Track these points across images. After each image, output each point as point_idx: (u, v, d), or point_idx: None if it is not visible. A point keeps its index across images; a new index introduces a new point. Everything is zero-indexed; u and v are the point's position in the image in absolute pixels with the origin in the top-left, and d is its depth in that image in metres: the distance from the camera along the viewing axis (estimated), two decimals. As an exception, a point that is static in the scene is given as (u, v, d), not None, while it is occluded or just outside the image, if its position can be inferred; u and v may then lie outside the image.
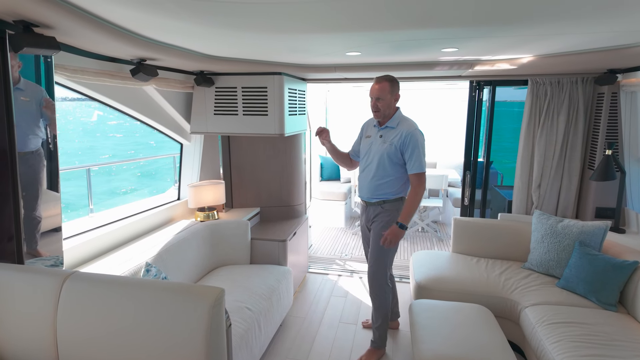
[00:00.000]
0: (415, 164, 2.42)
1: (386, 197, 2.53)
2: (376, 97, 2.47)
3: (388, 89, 2.45)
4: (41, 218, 1.85)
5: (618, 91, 2.98)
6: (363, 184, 2.62)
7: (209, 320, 1.36)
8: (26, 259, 1.76)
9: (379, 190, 2.53)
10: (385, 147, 2.47)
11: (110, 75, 2.21)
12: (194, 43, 2.15)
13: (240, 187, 3.73)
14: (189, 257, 2.78)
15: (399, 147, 2.44)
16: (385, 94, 2.45)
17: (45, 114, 1.84)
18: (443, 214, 5.75)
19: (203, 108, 3.23)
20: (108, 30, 1.68)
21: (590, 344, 2.04)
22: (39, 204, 1.84)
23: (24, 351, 1.54)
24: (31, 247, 1.80)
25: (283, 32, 1.83)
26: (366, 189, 2.59)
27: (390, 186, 2.51)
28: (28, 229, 1.78)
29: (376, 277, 2.59)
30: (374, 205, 2.57)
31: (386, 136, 2.50)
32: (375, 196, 2.56)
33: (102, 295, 1.47)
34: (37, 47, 1.55)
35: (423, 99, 6.72)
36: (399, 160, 2.46)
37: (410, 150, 2.41)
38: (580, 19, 1.53)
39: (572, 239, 2.73)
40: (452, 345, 2.07)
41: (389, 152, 2.46)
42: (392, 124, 2.51)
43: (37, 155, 1.82)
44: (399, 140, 2.43)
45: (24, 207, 1.75)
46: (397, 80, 2.50)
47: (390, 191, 2.52)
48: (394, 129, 2.49)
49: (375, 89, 2.47)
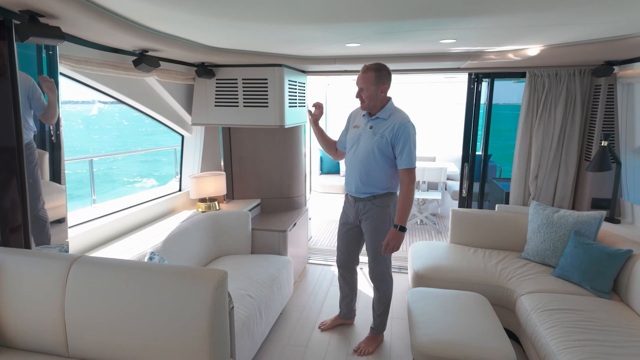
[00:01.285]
0: (406, 159, 2.29)
1: (375, 191, 2.42)
2: (360, 87, 2.33)
3: (373, 79, 2.28)
4: (37, 211, 1.82)
5: (615, 83, 3.02)
6: (351, 177, 2.47)
7: (212, 302, 1.41)
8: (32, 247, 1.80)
9: (368, 184, 2.41)
10: (376, 139, 2.32)
11: (113, 65, 2.24)
12: (195, 34, 2.18)
13: (241, 178, 3.77)
14: (190, 246, 2.82)
15: (390, 139, 2.30)
16: (369, 84, 2.29)
17: (37, 105, 1.79)
18: (442, 206, 5.79)
19: (204, 100, 3.26)
20: (112, 21, 1.71)
21: (584, 329, 2.09)
22: (37, 197, 1.81)
23: (33, 334, 1.59)
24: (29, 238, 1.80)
25: (283, 23, 1.86)
26: (354, 183, 2.45)
27: (380, 180, 2.39)
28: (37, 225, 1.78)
29: (379, 273, 2.57)
30: (364, 200, 2.45)
31: (377, 127, 2.35)
32: (364, 191, 2.44)
33: (109, 278, 1.51)
34: (42, 36, 1.58)
35: (422, 93, 6.74)
36: (390, 154, 2.33)
37: (402, 143, 2.28)
38: (579, 6, 1.55)
39: (567, 229, 2.77)
40: (449, 332, 2.12)
41: (379, 145, 2.31)
42: (383, 114, 2.35)
43: (28, 148, 1.74)
44: (391, 133, 2.30)
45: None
46: (386, 70, 2.31)
47: (380, 185, 2.41)
48: (386, 121, 2.34)
49: (359, 78, 2.32)
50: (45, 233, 1.88)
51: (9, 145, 1.67)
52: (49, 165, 1.90)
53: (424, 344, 2.07)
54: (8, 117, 1.65)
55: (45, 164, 1.89)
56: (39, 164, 1.84)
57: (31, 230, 1.77)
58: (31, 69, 1.78)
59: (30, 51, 1.76)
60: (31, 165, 1.78)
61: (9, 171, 1.68)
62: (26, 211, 1.74)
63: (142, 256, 2.30)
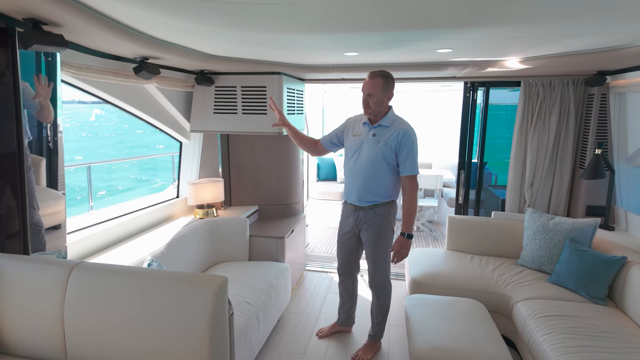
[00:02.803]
0: (410, 166, 2.32)
1: (378, 200, 2.42)
2: (367, 93, 2.33)
3: (381, 85, 2.30)
4: (30, 217, 1.79)
5: (607, 92, 3.07)
6: (352, 186, 2.46)
7: (213, 308, 1.41)
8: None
9: (371, 193, 2.41)
10: (380, 146, 2.34)
11: (113, 73, 2.26)
12: (195, 42, 2.21)
13: (238, 185, 3.78)
14: (188, 253, 2.82)
15: (394, 147, 2.32)
16: (377, 90, 2.31)
17: (30, 104, 1.75)
18: (438, 213, 5.82)
19: (203, 107, 3.28)
20: (114, 28, 1.73)
21: (580, 335, 2.11)
22: (30, 203, 1.78)
23: (32, 341, 1.58)
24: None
25: (283, 32, 1.89)
26: (356, 192, 2.44)
27: (383, 188, 2.40)
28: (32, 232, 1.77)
29: (380, 281, 2.57)
30: (365, 209, 2.45)
31: (380, 135, 2.36)
32: (366, 200, 2.42)
33: (109, 284, 1.51)
34: (45, 44, 1.60)
35: (418, 101, 6.81)
36: (393, 161, 2.35)
37: (407, 151, 2.31)
38: (574, 18, 1.59)
39: (563, 236, 2.80)
40: (447, 338, 2.13)
41: (383, 152, 2.33)
42: (385, 122, 2.37)
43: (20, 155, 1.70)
44: (395, 140, 2.32)
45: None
46: (392, 77, 2.36)
47: (383, 194, 2.41)
48: (388, 128, 2.36)
49: (367, 84, 2.33)
50: (40, 239, 1.86)
51: (10, 151, 1.68)
52: (45, 171, 1.89)
53: (422, 350, 2.07)
54: (10, 124, 1.66)
55: (42, 170, 1.87)
56: (34, 169, 1.82)
57: (29, 237, 1.77)
58: (29, 75, 1.77)
59: (28, 57, 1.76)
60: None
61: (8, 177, 1.69)
62: (25, 217, 1.74)
63: (140, 262, 2.29)
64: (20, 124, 1.69)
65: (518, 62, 2.66)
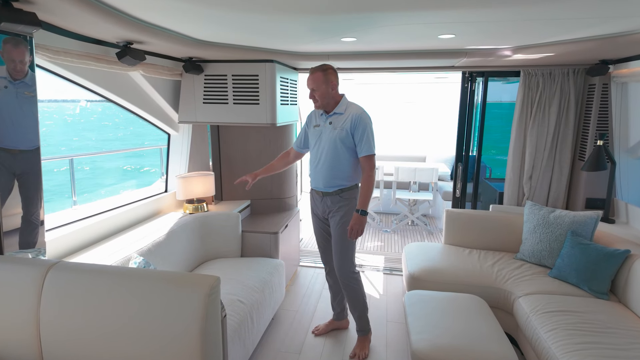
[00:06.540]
0: (365, 146, 2.41)
1: (343, 184, 2.51)
2: (311, 88, 2.47)
3: (321, 79, 2.43)
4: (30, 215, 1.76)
5: (609, 82, 3.01)
6: (317, 174, 2.57)
7: (204, 311, 1.30)
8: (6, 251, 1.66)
9: (334, 178, 2.50)
10: (337, 132, 2.45)
11: (95, 58, 2.11)
12: (183, 26, 2.07)
13: (230, 178, 3.65)
14: (177, 249, 2.69)
15: (350, 130, 2.43)
16: (319, 84, 2.44)
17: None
18: (433, 207, 5.76)
19: (192, 96, 3.13)
20: (94, 8, 1.59)
21: (585, 331, 2.05)
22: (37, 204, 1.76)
23: (4, 350, 1.45)
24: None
25: (277, 12, 1.77)
26: (321, 179, 2.54)
27: (346, 171, 2.49)
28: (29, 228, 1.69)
29: (344, 269, 2.55)
30: (332, 195, 2.53)
31: (336, 122, 2.48)
32: (331, 185, 2.51)
33: (89, 285, 1.39)
34: (15, 22, 1.46)
35: (413, 93, 6.73)
36: (351, 144, 2.45)
37: (361, 132, 2.41)
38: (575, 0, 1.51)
39: (564, 229, 2.74)
40: (449, 335, 2.06)
41: (341, 137, 2.44)
42: (339, 109, 2.50)
43: (37, 152, 1.73)
44: (349, 124, 2.43)
45: (22, 209, 1.67)
46: (332, 69, 2.48)
47: (346, 177, 2.50)
48: (342, 114, 2.48)
49: (309, 80, 2.47)
50: (33, 236, 1.77)
51: None
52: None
53: (423, 349, 1.99)
54: None
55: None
56: None
57: (2, 235, 1.63)
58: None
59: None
60: (39, 167, 1.75)
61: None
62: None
63: (126, 261, 2.16)
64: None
65: (519, 49, 2.57)
